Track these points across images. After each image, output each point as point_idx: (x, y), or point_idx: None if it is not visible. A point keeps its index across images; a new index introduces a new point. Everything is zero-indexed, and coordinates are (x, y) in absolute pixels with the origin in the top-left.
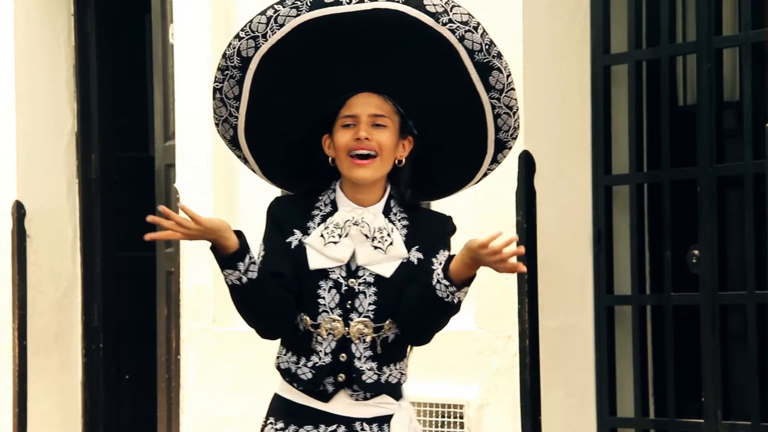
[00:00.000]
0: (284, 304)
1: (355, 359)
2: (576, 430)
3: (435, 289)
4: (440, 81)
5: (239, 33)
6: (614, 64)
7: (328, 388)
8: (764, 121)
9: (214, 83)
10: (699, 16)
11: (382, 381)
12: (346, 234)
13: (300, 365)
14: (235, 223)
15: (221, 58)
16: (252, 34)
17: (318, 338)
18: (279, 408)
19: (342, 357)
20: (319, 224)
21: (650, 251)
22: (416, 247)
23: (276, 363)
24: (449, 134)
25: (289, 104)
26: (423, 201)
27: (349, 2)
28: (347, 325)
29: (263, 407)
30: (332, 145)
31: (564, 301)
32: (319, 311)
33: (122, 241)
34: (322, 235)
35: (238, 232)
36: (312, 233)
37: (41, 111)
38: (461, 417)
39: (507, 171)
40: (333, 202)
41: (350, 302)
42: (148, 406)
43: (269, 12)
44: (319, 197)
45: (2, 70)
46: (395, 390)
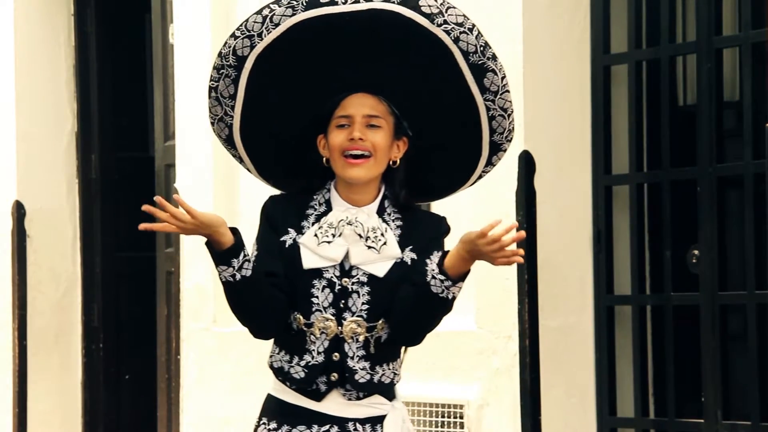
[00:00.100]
0: (277, 304)
1: (348, 359)
2: (576, 430)
3: (429, 285)
4: (435, 82)
5: (235, 32)
6: (614, 64)
7: (321, 388)
8: (764, 121)
9: (210, 82)
10: (699, 16)
11: (375, 381)
12: (340, 234)
13: (293, 364)
14: (235, 223)
15: (217, 57)
16: (247, 33)
17: (311, 337)
18: (272, 408)
19: (335, 356)
20: (314, 224)
21: (650, 251)
22: (410, 248)
23: (269, 362)
24: (444, 136)
25: (285, 104)
26: (418, 202)
27: (345, 2)
28: (340, 325)
29: None
30: (327, 145)
31: (564, 301)
32: (313, 310)
33: (122, 241)
34: (316, 235)
35: (234, 229)
36: (306, 233)
37: (41, 111)
38: (461, 417)
39: (507, 171)
40: (327, 202)
41: (343, 301)
42: (148, 406)
43: (265, 11)
44: (314, 196)
45: (2, 70)
46: (388, 390)
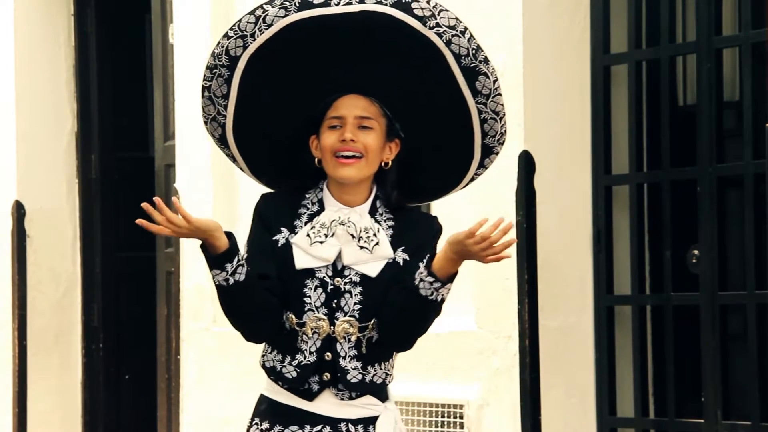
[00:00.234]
0: (270, 307)
1: (340, 358)
2: (576, 430)
3: (418, 288)
4: (427, 84)
5: (228, 32)
6: (614, 64)
7: (313, 387)
8: (764, 121)
9: (203, 81)
10: (699, 16)
11: (367, 381)
12: (332, 234)
13: (285, 364)
14: (235, 223)
15: (210, 57)
16: (240, 34)
17: (303, 337)
18: (264, 408)
19: (327, 356)
20: (306, 223)
21: (650, 251)
22: (402, 248)
23: (261, 361)
24: (436, 138)
25: (277, 104)
26: (411, 203)
27: (338, 4)
28: (333, 324)
29: None
30: (319, 146)
31: (564, 301)
32: (305, 310)
33: (122, 241)
34: (309, 235)
35: (229, 233)
36: (299, 232)
37: (41, 111)
38: (461, 417)
39: (507, 171)
40: (320, 202)
41: (336, 301)
42: (148, 406)
43: (258, 12)
44: (306, 195)
45: (2, 70)
46: (380, 391)
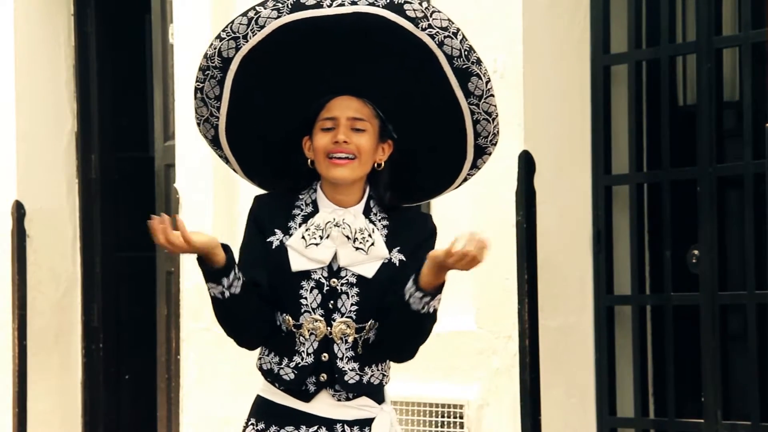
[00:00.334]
0: (263, 315)
1: (338, 359)
2: (576, 430)
3: (410, 304)
4: (420, 85)
5: (220, 33)
6: (614, 64)
7: (310, 388)
8: (764, 121)
9: (196, 83)
10: (699, 16)
11: (364, 382)
12: (327, 235)
13: (282, 366)
14: (235, 223)
15: (202, 58)
16: (233, 35)
17: (300, 338)
18: (260, 409)
19: (324, 357)
20: (300, 225)
21: (650, 251)
22: (398, 248)
23: (258, 364)
24: (429, 138)
25: (270, 105)
26: (405, 203)
27: (330, 5)
28: (329, 326)
29: None
30: (312, 147)
31: (564, 301)
32: (302, 311)
33: (122, 241)
34: (304, 237)
35: (225, 246)
36: (293, 234)
37: (41, 111)
38: (461, 417)
39: (507, 171)
40: (314, 203)
41: (332, 302)
42: (148, 406)
43: (250, 13)
44: (300, 196)
45: (2, 70)
46: (377, 392)
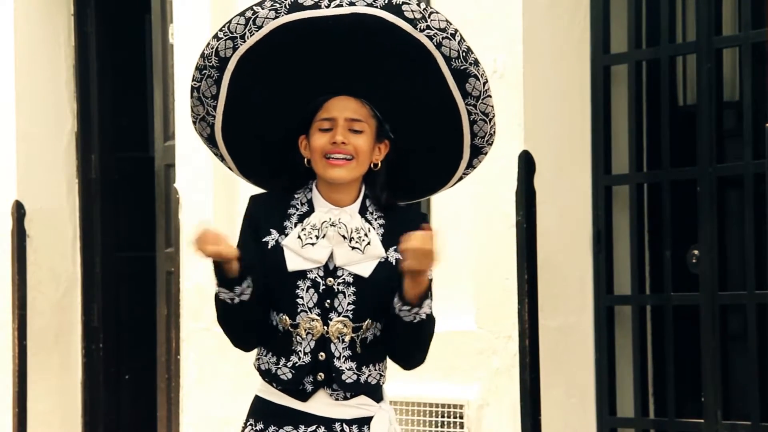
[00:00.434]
0: (261, 318)
1: (335, 359)
2: (576, 430)
3: (401, 317)
4: (417, 86)
5: (218, 33)
6: (614, 64)
7: (307, 387)
8: (764, 121)
9: (192, 82)
10: (699, 16)
11: (362, 381)
12: (323, 235)
13: (280, 365)
14: (235, 224)
15: (199, 58)
16: (230, 35)
17: (297, 338)
18: (259, 409)
19: (321, 356)
20: (296, 224)
21: (650, 251)
22: (394, 247)
23: (256, 364)
24: (425, 138)
25: (267, 105)
26: (400, 202)
27: (328, 6)
28: (326, 325)
29: None
30: (308, 146)
31: (564, 301)
32: (298, 311)
33: (122, 241)
34: (300, 237)
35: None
36: (289, 234)
37: (41, 111)
38: (461, 417)
39: (507, 171)
40: (309, 202)
41: (329, 301)
42: (148, 406)
43: (248, 13)
44: (295, 195)
45: (2, 70)
46: (375, 391)
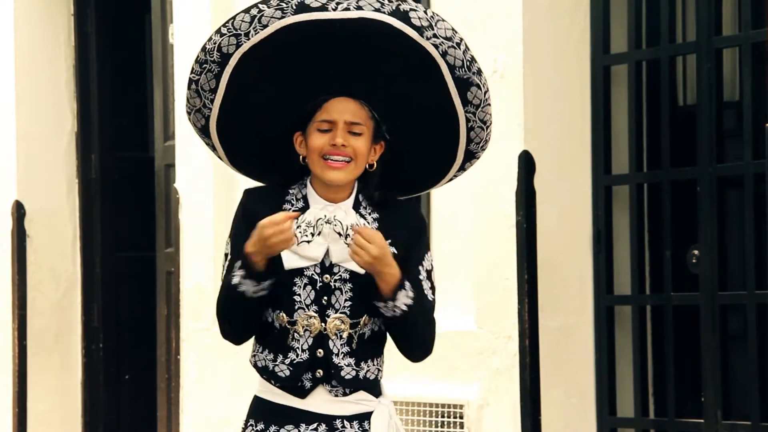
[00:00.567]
0: (260, 312)
1: (333, 355)
2: (576, 430)
3: (382, 314)
4: (418, 90)
5: (221, 29)
6: (614, 64)
7: (306, 384)
8: (764, 121)
9: (191, 74)
10: (699, 16)
11: (361, 377)
12: (319, 232)
13: (277, 362)
14: None
15: (200, 51)
16: (234, 32)
17: (295, 335)
18: (259, 409)
19: (319, 353)
20: None
21: (650, 251)
22: (389, 241)
23: (252, 361)
24: (421, 141)
25: (265, 102)
26: (391, 197)
27: (335, 9)
28: (324, 322)
29: None
30: (304, 144)
31: (564, 301)
32: (295, 308)
33: (122, 241)
34: (296, 235)
35: None
36: None
37: (41, 111)
38: (461, 417)
39: (507, 171)
40: (304, 198)
41: (326, 298)
42: (148, 406)
43: (253, 11)
44: (290, 191)
45: (2, 70)
46: (374, 386)
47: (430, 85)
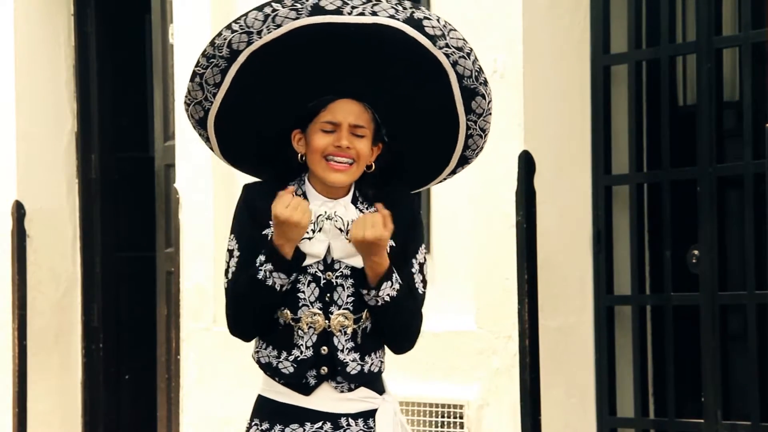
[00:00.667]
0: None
1: (338, 352)
2: (576, 430)
3: (367, 302)
4: (421, 96)
5: (232, 25)
6: (614, 64)
7: (310, 381)
8: (764, 121)
9: (196, 67)
10: (699, 16)
11: (365, 371)
12: (320, 229)
13: (281, 359)
14: None
15: (208, 45)
16: (246, 29)
17: (299, 332)
18: (263, 408)
19: (324, 350)
20: None
21: (650, 251)
22: None
23: (255, 358)
24: (418, 143)
25: (269, 99)
26: (383, 190)
27: (350, 13)
28: (328, 318)
29: None
30: (303, 142)
31: (564, 301)
32: (300, 305)
33: (122, 241)
34: None
35: None
36: None
37: (41, 111)
38: (461, 417)
39: (507, 171)
40: (303, 195)
41: (329, 295)
42: (148, 406)
43: (267, 9)
44: (289, 186)
45: (2, 70)
46: (377, 380)
47: (434, 90)
